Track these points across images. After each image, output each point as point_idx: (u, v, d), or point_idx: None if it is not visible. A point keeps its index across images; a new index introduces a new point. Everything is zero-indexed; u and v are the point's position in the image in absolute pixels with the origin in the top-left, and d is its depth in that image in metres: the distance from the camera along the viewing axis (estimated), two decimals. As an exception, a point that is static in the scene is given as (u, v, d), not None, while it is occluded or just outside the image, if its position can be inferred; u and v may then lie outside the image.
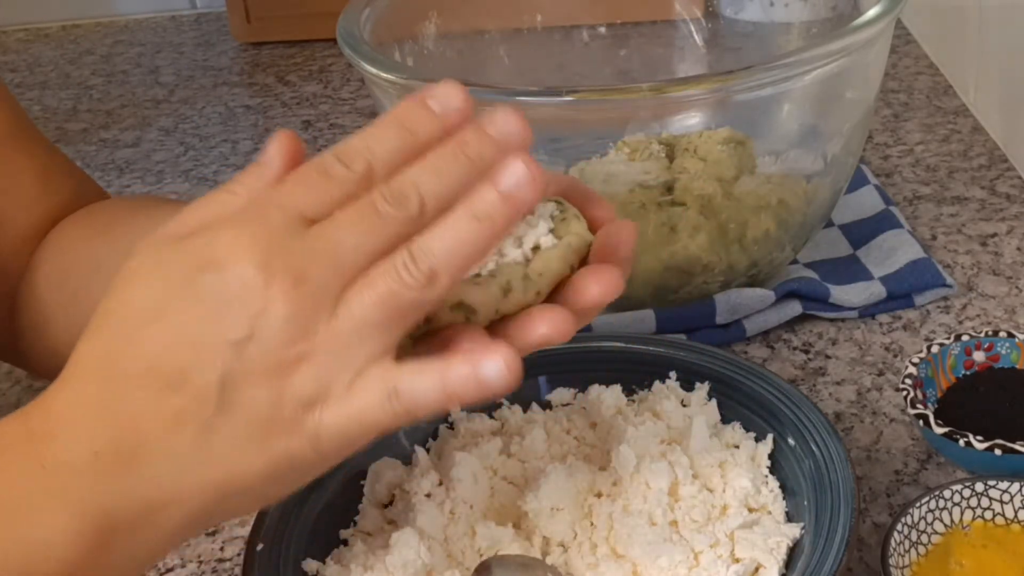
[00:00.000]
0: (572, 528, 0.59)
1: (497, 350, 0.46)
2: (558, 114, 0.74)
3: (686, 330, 0.79)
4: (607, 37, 0.99)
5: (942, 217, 0.92)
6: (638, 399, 0.67)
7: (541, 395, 0.69)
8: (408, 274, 0.45)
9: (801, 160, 0.80)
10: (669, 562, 0.56)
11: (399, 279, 0.45)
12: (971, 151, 1.01)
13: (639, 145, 0.81)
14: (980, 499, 0.60)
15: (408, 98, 0.48)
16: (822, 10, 0.91)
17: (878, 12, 0.73)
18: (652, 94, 0.71)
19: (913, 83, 1.15)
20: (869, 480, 0.68)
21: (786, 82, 0.72)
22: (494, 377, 0.46)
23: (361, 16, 0.80)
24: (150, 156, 1.19)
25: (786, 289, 0.81)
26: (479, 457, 0.63)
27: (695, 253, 0.78)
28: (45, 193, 0.74)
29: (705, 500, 0.59)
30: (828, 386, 0.76)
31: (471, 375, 0.46)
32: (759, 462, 0.62)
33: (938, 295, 0.82)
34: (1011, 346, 0.71)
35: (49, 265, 0.72)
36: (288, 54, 1.41)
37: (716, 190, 0.77)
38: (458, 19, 0.91)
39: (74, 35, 1.54)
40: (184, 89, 1.34)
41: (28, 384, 0.84)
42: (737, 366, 0.67)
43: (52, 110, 1.32)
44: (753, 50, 0.99)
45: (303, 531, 0.60)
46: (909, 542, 0.58)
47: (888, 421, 0.72)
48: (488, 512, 0.61)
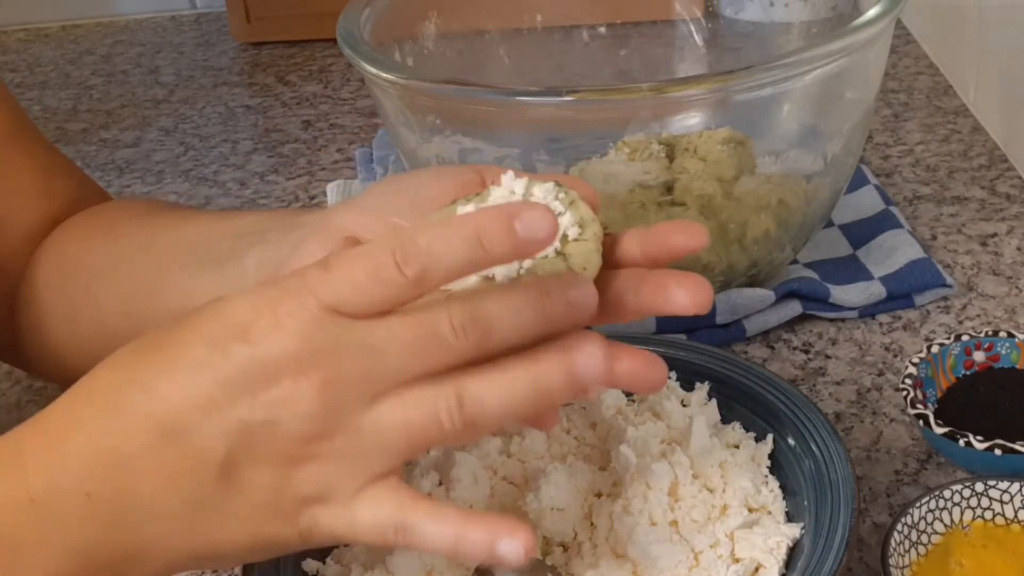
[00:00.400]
0: (572, 528, 0.59)
1: (519, 530, 0.44)
2: (558, 114, 0.74)
3: (686, 330, 0.79)
4: (607, 37, 0.99)
5: (942, 217, 0.92)
6: (638, 399, 0.67)
7: (541, 395, 0.69)
8: (449, 419, 0.43)
9: (801, 160, 0.80)
10: (669, 562, 0.56)
11: (437, 419, 0.43)
12: (971, 151, 1.01)
13: (639, 145, 0.81)
14: (980, 499, 0.60)
15: (496, 211, 0.43)
16: (822, 10, 0.91)
17: (878, 12, 0.73)
18: (652, 94, 0.71)
19: (913, 83, 1.15)
20: (869, 480, 0.68)
21: (786, 82, 0.72)
22: (510, 556, 0.44)
23: (361, 16, 0.80)
24: (150, 156, 1.19)
25: (786, 289, 0.80)
26: (479, 457, 0.63)
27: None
28: (45, 194, 0.74)
29: (705, 500, 0.59)
30: (828, 386, 0.76)
31: (486, 547, 0.44)
32: (759, 462, 0.62)
33: (938, 295, 0.82)
34: (1011, 346, 0.71)
35: (50, 266, 0.72)
36: (288, 54, 1.41)
37: (716, 190, 0.77)
38: (458, 19, 0.91)
39: (74, 35, 1.54)
40: (184, 89, 1.34)
41: (28, 384, 0.84)
42: (737, 366, 0.67)
43: (52, 110, 1.32)
44: (753, 50, 0.99)
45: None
46: (909, 542, 0.58)
47: (888, 421, 0.72)
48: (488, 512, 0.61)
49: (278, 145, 1.17)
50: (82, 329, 0.70)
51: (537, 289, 0.44)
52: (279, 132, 1.21)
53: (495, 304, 0.44)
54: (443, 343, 0.43)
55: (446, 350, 0.43)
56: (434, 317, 0.43)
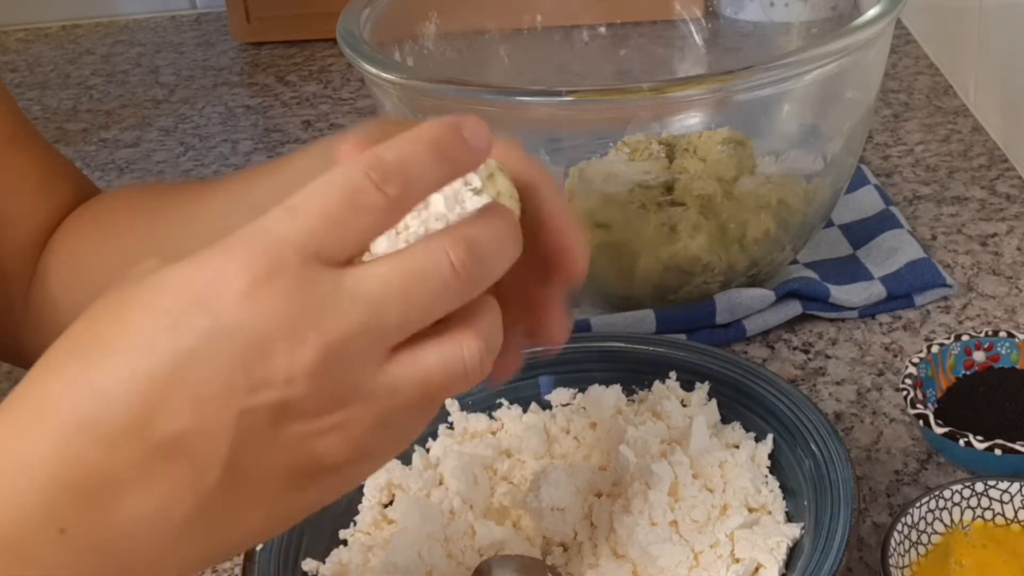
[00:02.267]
0: (572, 528, 0.59)
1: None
2: (558, 114, 0.74)
3: (686, 330, 0.79)
4: (607, 37, 0.99)
5: (942, 217, 0.92)
6: (638, 399, 0.67)
7: (541, 395, 0.69)
8: (473, 361, 0.40)
9: (801, 160, 0.80)
10: (669, 562, 0.56)
11: (460, 367, 0.40)
12: (971, 151, 1.01)
13: (639, 145, 0.81)
14: (980, 499, 0.60)
15: (440, 122, 0.41)
16: (822, 10, 0.91)
17: (878, 12, 0.73)
18: (652, 94, 0.71)
19: (913, 83, 1.15)
20: (869, 480, 0.68)
21: (786, 82, 0.72)
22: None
23: (361, 16, 0.80)
24: (150, 156, 1.19)
25: (786, 289, 0.80)
26: (479, 457, 0.63)
27: (695, 253, 0.78)
28: (47, 195, 0.74)
29: (705, 500, 0.59)
30: (828, 386, 0.76)
31: None
32: (759, 462, 0.62)
33: (938, 295, 0.82)
34: (1011, 346, 0.71)
35: (62, 271, 0.71)
36: (288, 54, 1.41)
37: (716, 190, 0.77)
38: (458, 19, 0.91)
39: (74, 35, 1.54)
40: (184, 89, 1.34)
41: (28, 384, 0.84)
42: (737, 366, 0.67)
43: (52, 110, 1.32)
44: (753, 50, 0.99)
45: (302, 531, 0.60)
46: (909, 542, 0.58)
47: (888, 421, 0.72)
48: (488, 512, 0.61)
49: (278, 145, 1.17)
50: None
51: (510, 220, 0.42)
52: (279, 132, 1.21)
53: (493, 240, 0.40)
54: (444, 283, 0.39)
55: (445, 289, 0.39)
56: (426, 256, 0.39)
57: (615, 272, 0.79)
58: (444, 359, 0.40)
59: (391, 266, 0.39)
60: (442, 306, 0.40)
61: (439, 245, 0.39)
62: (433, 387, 0.40)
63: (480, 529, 0.59)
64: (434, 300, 0.39)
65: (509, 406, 0.68)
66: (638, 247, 0.78)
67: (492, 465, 0.63)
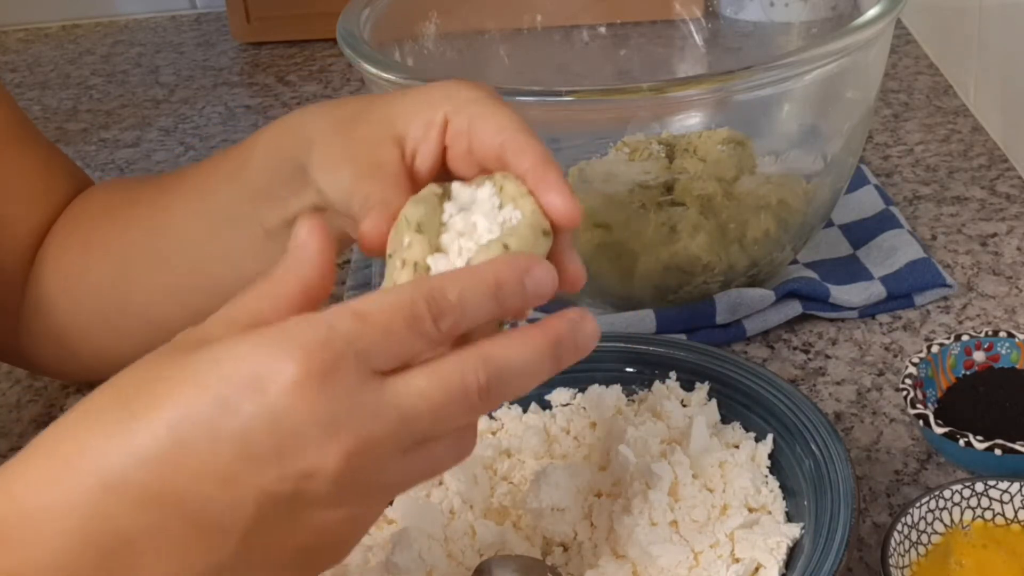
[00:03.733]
0: (572, 528, 0.59)
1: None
2: (558, 114, 0.74)
3: (686, 330, 0.79)
4: (607, 37, 0.99)
5: (942, 217, 0.92)
6: (638, 399, 0.67)
7: (541, 395, 0.69)
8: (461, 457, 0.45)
9: (801, 160, 0.80)
10: (669, 562, 0.56)
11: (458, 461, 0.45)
12: (971, 151, 1.01)
13: (639, 145, 0.81)
14: (980, 499, 0.60)
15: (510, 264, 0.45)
16: (822, 10, 0.91)
17: (878, 12, 0.73)
18: (652, 94, 0.71)
19: (913, 83, 1.15)
20: (869, 480, 0.68)
21: (786, 82, 0.72)
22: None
23: (361, 16, 0.80)
24: (150, 156, 1.19)
25: (786, 289, 0.80)
26: (479, 457, 0.63)
27: (695, 253, 0.78)
28: (48, 194, 0.74)
29: (705, 500, 0.59)
30: (828, 386, 0.76)
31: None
32: (759, 462, 0.62)
33: (938, 295, 0.82)
34: (1011, 346, 0.71)
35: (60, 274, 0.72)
36: (288, 54, 1.41)
37: (716, 190, 0.77)
38: (458, 19, 0.91)
39: (74, 35, 1.54)
40: (184, 89, 1.34)
41: (28, 384, 0.84)
42: (737, 366, 0.67)
43: (52, 110, 1.32)
44: (753, 50, 0.99)
45: (303, 531, 0.60)
46: (909, 542, 0.58)
47: (888, 421, 0.72)
48: (488, 512, 0.61)
49: (278, 145, 1.17)
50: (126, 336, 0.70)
51: (552, 344, 0.45)
52: (279, 132, 1.20)
53: (517, 360, 0.44)
54: (471, 404, 0.43)
55: (470, 409, 0.43)
56: (461, 377, 0.42)
57: (615, 272, 0.79)
58: (455, 454, 0.45)
59: (429, 380, 0.42)
60: (462, 421, 0.44)
61: (473, 367, 0.43)
62: (439, 471, 0.46)
63: (480, 529, 0.59)
64: (458, 416, 0.43)
65: (509, 406, 0.68)
66: (638, 247, 0.78)
67: (492, 465, 0.63)
